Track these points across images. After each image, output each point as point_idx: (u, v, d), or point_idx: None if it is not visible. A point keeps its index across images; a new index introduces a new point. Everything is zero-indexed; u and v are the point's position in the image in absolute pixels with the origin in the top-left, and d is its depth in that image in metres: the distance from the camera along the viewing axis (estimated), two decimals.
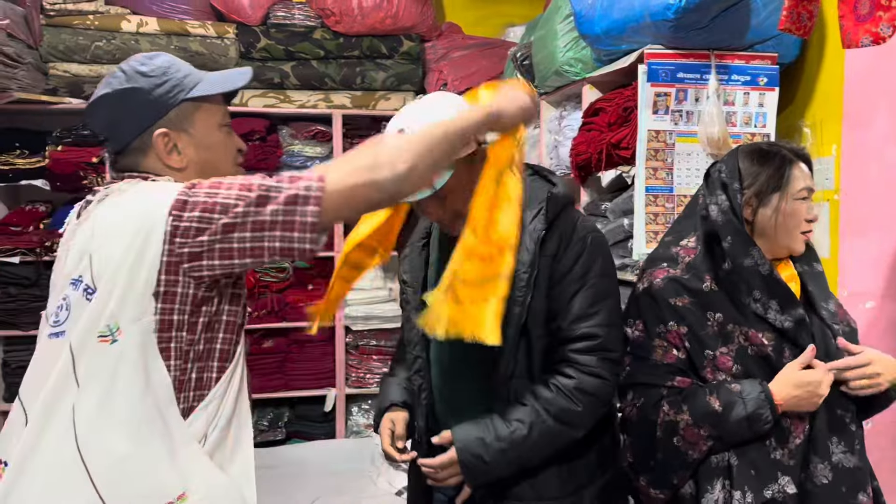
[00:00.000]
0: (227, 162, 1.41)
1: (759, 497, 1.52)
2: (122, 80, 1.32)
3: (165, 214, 1.20)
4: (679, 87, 2.48)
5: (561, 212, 1.58)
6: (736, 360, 1.58)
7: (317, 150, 4.27)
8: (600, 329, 1.53)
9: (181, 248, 1.20)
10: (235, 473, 1.30)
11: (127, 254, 1.20)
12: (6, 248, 3.86)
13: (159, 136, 1.32)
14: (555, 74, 3.24)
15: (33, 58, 3.88)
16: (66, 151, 3.91)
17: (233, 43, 4.11)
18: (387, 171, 1.23)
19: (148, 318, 1.21)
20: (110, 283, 1.21)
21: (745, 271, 1.58)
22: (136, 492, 1.19)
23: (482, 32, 4.62)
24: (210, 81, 1.38)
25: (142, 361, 1.21)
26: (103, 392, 1.20)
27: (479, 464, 1.50)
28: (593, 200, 3.02)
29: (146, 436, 1.20)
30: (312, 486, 3.71)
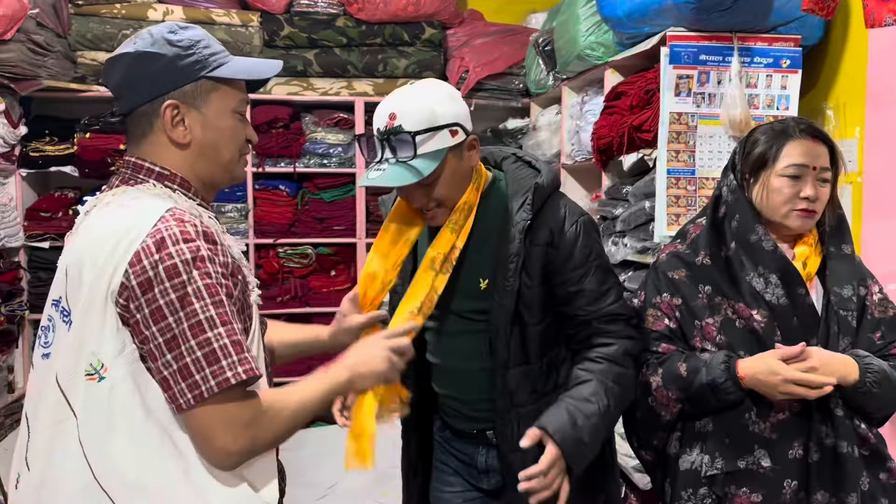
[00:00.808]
0: (231, 149, 1.35)
1: (730, 465, 1.58)
2: (148, 43, 1.27)
3: (132, 252, 1.16)
4: (701, 70, 2.49)
5: (547, 199, 1.61)
6: (720, 330, 1.63)
7: (339, 137, 4.31)
8: (617, 305, 1.62)
9: (125, 288, 1.16)
10: (255, 470, 1.26)
11: (96, 286, 1.17)
12: (37, 234, 3.96)
13: (168, 106, 1.27)
14: (577, 59, 3.25)
15: (62, 46, 3.95)
16: (94, 139, 3.98)
17: (257, 31, 4.16)
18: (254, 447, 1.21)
19: (129, 348, 1.18)
20: (85, 317, 1.18)
21: (750, 247, 1.62)
22: None
23: (504, 19, 4.63)
24: (235, 65, 1.34)
25: (135, 391, 1.18)
26: (105, 426, 1.18)
27: (581, 447, 1.49)
28: (615, 184, 3.03)
29: (157, 461, 1.19)
30: (334, 468, 3.74)
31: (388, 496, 3.35)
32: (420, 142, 1.49)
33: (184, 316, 1.14)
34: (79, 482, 1.18)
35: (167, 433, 1.19)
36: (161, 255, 1.15)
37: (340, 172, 4.33)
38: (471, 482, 1.78)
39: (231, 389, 1.16)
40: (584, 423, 1.50)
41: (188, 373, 1.15)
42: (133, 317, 1.16)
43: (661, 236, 2.52)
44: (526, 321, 1.60)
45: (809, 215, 1.63)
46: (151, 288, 1.14)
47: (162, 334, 1.15)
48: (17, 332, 3.94)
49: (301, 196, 4.32)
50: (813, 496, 1.57)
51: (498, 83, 4.29)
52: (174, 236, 1.16)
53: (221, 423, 1.16)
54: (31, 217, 3.98)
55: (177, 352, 1.15)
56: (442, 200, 1.57)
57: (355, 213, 4.33)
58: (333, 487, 3.58)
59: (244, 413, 1.18)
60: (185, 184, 1.31)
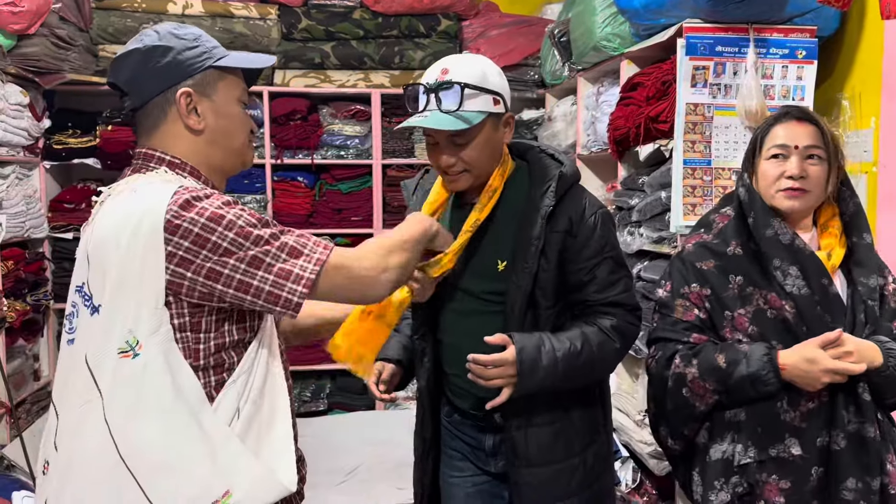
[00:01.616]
0: (241, 135, 1.42)
1: (763, 454, 1.60)
2: (155, 39, 1.33)
3: (161, 227, 1.20)
4: (717, 61, 2.51)
5: (569, 189, 1.67)
6: (752, 321, 1.65)
7: (356, 129, 4.35)
8: (624, 295, 1.68)
9: (174, 257, 1.21)
10: (274, 449, 1.30)
11: (126, 267, 1.20)
12: (60, 225, 4.04)
13: (183, 94, 1.32)
14: (593, 50, 3.27)
15: (84, 40, 4.01)
16: (115, 131, 4.05)
17: (275, 24, 4.21)
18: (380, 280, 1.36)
19: (165, 327, 1.22)
20: (116, 298, 1.21)
21: (768, 242, 1.65)
22: (183, 494, 1.21)
23: (519, 10, 4.65)
24: (235, 56, 1.41)
25: (167, 370, 1.21)
26: (133, 404, 1.21)
27: (533, 366, 1.56)
28: (630, 174, 3.06)
29: (184, 443, 1.22)
30: (353, 454, 3.83)
31: (405, 489, 3.41)
32: (467, 96, 1.57)
33: (251, 242, 1.23)
34: (105, 461, 1.21)
35: (195, 416, 1.23)
36: (196, 212, 1.21)
37: (357, 164, 4.38)
38: (479, 466, 1.82)
39: (332, 255, 1.30)
40: (549, 352, 1.58)
41: (286, 272, 1.25)
42: (203, 268, 1.21)
43: (677, 226, 2.55)
44: (540, 304, 1.65)
45: (796, 195, 1.65)
46: (208, 238, 1.21)
47: (242, 261, 1.23)
48: (42, 321, 4.03)
49: (319, 187, 4.37)
50: (843, 483, 1.57)
51: (513, 74, 4.32)
52: (196, 196, 1.23)
53: (347, 275, 1.31)
54: (54, 208, 4.06)
55: (265, 264, 1.24)
56: (469, 165, 1.63)
57: (372, 203, 4.38)
58: (352, 474, 3.64)
59: (354, 254, 1.35)
60: (194, 171, 1.36)
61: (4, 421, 3.50)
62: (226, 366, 1.28)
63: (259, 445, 1.29)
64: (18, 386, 3.68)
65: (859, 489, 1.57)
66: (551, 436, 1.68)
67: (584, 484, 1.72)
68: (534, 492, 1.69)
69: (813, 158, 1.66)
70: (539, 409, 1.67)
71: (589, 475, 1.72)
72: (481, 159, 1.64)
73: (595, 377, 1.72)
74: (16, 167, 3.72)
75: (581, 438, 1.72)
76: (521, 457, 1.68)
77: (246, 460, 1.25)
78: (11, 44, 3.44)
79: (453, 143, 1.62)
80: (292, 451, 1.33)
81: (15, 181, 3.67)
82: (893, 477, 1.58)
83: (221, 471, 1.23)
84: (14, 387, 3.53)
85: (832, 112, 2.65)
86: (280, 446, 1.31)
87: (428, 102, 1.60)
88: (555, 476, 1.68)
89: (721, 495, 1.63)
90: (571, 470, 1.70)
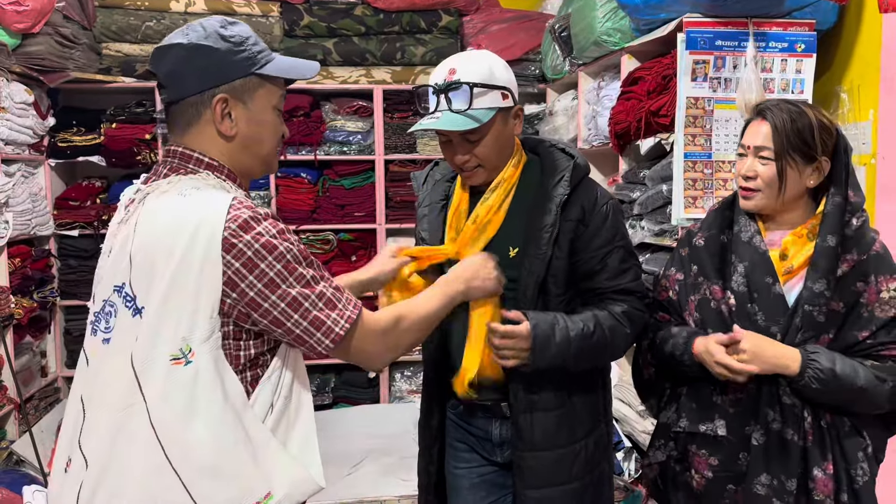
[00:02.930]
0: (271, 143, 1.41)
1: (693, 427, 1.73)
2: (201, 36, 1.30)
3: (220, 241, 1.21)
4: (717, 55, 2.54)
5: (581, 180, 1.72)
6: (698, 308, 1.74)
7: (358, 125, 4.37)
8: (634, 283, 1.74)
9: (224, 274, 1.23)
10: (300, 444, 1.33)
11: (183, 275, 1.21)
12: (66, 222, 4.07)
13: (219, 100, 1.30)
14: (593, 45, 3.29)
15: (87, 38, 4.04)
16: (120, 128, 4.08)
17: (277, 21, 4.23)
18: (398, 349, 1.43)
19: (216, 335, 1.24)
20: (167, 304, 1.21)
21: (735, 237, 1.71)
22: (227, 496, 1.24)
23: (520, 5, 4.68)
24: (280, 64, 1.38)
25: (217, 377, 1.23)
26: (185, 410, 1.22)
27: (546, 342, 1.61)
28: (632, 168, 3.09)
29: (230, 446, 1.24)
30: (359, 447, 3.87)
31: (410, 482, 3.45)
32: (476, 94, 1.61)
33: (294, 280, 1.26)
34: (149, 463, 1.21)
35: (240, 419, 1.25)
36: (253, 235, 1.23)
37: (360, 160, 4.41)
38: (485, 456, 1.86)
39: (358, 318, 1.33)
40: (562, 329, 1.63)
41: (320, 322, 1.29)
42: (247, 295, 1.23)
43: (678, 219, 2.58)
44: (551, 291, 1.69)
45: (746, 194, 1.68)
46: (257, 265, 1.23)
47: (283, 299, 1.25)
48: (49, 317, 4.06)
49: (322, 183, 4.40)
50: (756, 477, 1.63)
51: (514, 69, 4.24)
52: (255, 217, 1.24)
53: (369, 339, 1.36)
54: (59, 206, 4.09)
55: (302, 309, 1.27)
56: (483, 160, 1.68)
57: (375, 199, 4.41)
58: (357, 466, 3.68)
59: (377, 327, 1.38)
60: (231, 175, 1.36)
61: (13, 417, 3.54)
62: (260, 362, 1.31)
63: (287, 438, 1.32)
64: (26, 382, 3.71)
65: (773, 486, 1.61)
66: (555, 421, 1.72)
67: (585, 470, 1.76)
68: (536, 476, 1.73)
69: (762, 158, 1.66)
70: (544, 395, 1.71)
71: (590, 461, 1.77)
72: (494, 154, 1.68)
73: (604, 360, 1.78)
74: (21, 165, 3.75)
75: (583, 425, 1.76)
76: (526, 441, 1.72)
77: (284, 460, 1.29)
78: (16, 43, 3.47)
79: (466, 141, 1.66)
80: (316, 446, 1.35)
81: (20, 179, 3.70)
82: (819, 483, 1.60)
83: (263, 472, 1.26)
84: (22, 383, 3.56)
85: (831, 105, 2.68)
86: (306, 441, 1.34)
87: (438, 103, 1.64)
88: (557, 460, 1.72)
89: (658, 454, 1.82)
90: (573, 455, 1.74)
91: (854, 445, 1.61)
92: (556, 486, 1.73)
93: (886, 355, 1.60)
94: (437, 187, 1.86)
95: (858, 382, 1.55)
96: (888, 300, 1.60)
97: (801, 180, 1.65)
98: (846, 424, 1.62)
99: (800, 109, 1.65)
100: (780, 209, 1.69)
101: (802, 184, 1.65)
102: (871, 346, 1.61)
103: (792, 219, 1.69)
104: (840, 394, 1.57)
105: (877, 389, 1.56)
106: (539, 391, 1.71)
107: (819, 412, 1.61)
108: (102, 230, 4.04)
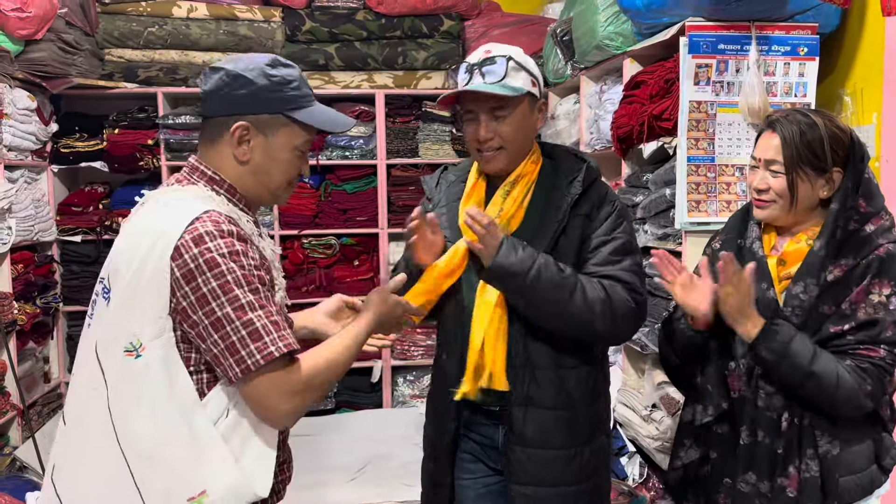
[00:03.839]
0: (281, 178, 1.46)
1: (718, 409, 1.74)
2: (247, 67, 1.40)
3: (170, 252, 1.28)
4: (720, 59, 2.54)
5: (594, 181, 1.79)
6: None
7: (360, 129, 4.37)
8: (627, 274, 1.71)
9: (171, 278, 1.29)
10: (253, 456, 1.36)
11: (138, 275, 1.30)
12: (69, 228, 4.08)
13: (239, 127, 1.39)
14: (595, 49, 3.29)
15: (90, 44, 4.04)
16: (122, 134, 4.09)
17: (279, 26, 4.23)
18: (286, 419, 1.36)
19: (168, 334, 1.31)
20: (126, 300, 1.31)
21: (745, 243, 1.76)
22: (165, 486, 1.31)
23: (521, 9, 4.68)
24: (313, 113, 1.44)
25: (165, 374, 1.31)
26: (133, 399, 1.31)
27: (515, 247, 1.64)
28: (635, 172, 3.08)
29: (172, 439, 1.31)
30: (363, 452, 3.86)
31: (413, 486, 3.44)
32: (510, 69, 1.68)
33: (226, 301, 1.28)
34: (104, 445, 1.32)
35: (186, 417, 1.31)
36: (200, 249, 1.28)
37: (362, 164, 4.41)
38: (490, 465, 1.85)
39: (276, 362, 1.29)
40: (533, 251, 1.65)
41: (235, 350, 1.28)
42: (180, 304, 1.29)
43: (681, 223, 2.58)
44: None
45: (760, 205, 1.70)
46: (195, 278, 1.28)
47: (208, 317, 1.28)
48: (52, 323, 4.06)
49: (324, 187, 4.40)
50: (742, 475, 1.69)
51: None
52: (211, 233, 1.30)
53: (274, 391, 1.31)
54: (62, 212, 4.10)
55: (223, 332, 1.28)
56: (506, 141, 1.72)
57: (377, 203, 4.41)
58: (360, 471, 3.67)
59: (292, 380, 1.33)
60: (231, 190, 1.44)
61: (17, 423, 3.53)
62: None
63: (243, 448, 1.36)
64: (29, 388, 3.71)
65: (754, 485, 1.68)
66: (553, 421, 1.73)
67: (581, 476, 1.77)
68: (525, 473, 1.74)
69: (774, 171, 1.67)
70: (544, 392, 1.72)
71: (585, 468, 1.77)
72: (517, 138, 1.73)
73: (568, 318, 1.68)
74: (24, 171, 3.76)
75: (583, 432, 1.77)
76: (516, 434, 1.73)
77: (228, 465, 1.33)
78: (19, 49, 3.47)
79: (493, 117, 1.70)
80: (273, 459, 1.39)
81: (23, 185, 3.71)
82: (794, 480, 1.63)
83: (202, 470, 1.32)
84: (25, 389, 3.56)
85: (834, 108, 2.68)
86: (262, 453, 1.37)
87: (471, 80, 1.70)
88: (551, 461, 1.73)
89: (691, 452, 1.81)
90: (568, 459, 1.74)
91: (832, 449, 1.64)
92: (549, 486, 1.74)
93: (864, 354, 1.60)
94: (452, 188, 1.89)
95: (810, 366, 1.58)
96: (875, 303, 1.60)
97: (814, 192, 1.66)
98: (826, 429, 1.64)
99: (810, 121, 1.65)
100: (793, 220, 1.71)
101: (815, 195, 1.67)
102: (849, 343, 1.62)
103: (805, 229, 1.71)
104: (793, 375, 1.60)
105: (843, 383, 1.57)
106: (539, 388, 1.72)
107: (796, 416, 1.64)
108: (105, 236, 4.05)
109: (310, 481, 3.46)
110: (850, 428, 1.65)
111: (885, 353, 1.60)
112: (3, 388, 3.41)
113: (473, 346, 1.72)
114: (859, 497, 1.65)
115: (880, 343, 1.60)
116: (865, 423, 1.67)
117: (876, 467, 1.68)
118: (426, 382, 4.53)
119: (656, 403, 2.84)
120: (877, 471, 1.68)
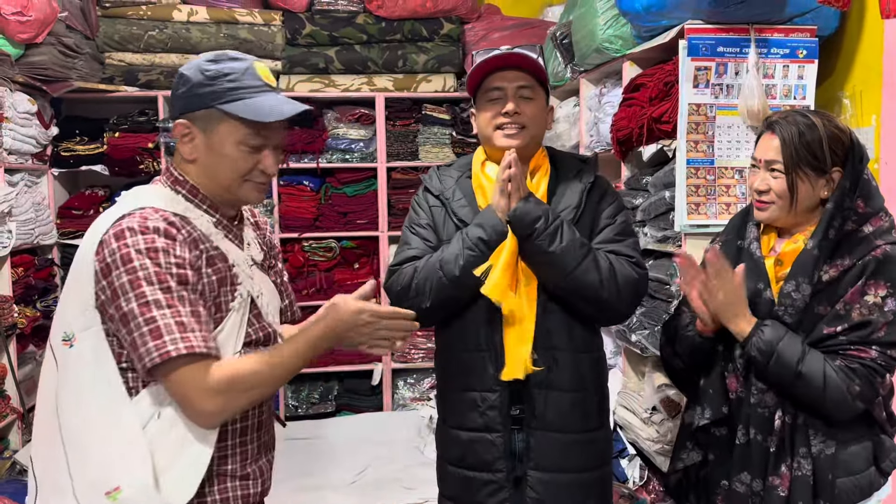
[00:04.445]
0: (229, 175, 1.43)
1: (717, 414, 1.75)
2: (189, 66, 1.44)
3: (95, 246, 1.33)
4: (719, 61, 2.54)
5: (596, 177, 1.91)
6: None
7: (360, 132, 4.38)
8: (627, 248, 1.82)
9: (93, 271, 1.34)
10: (182, 464, 1.35)
11: (76, 270, 1.37)
12: (69, 231, 4.07)
13: (180, 124, 1.43)
14: (595, 52, 3.30)
15: (90, 48, 4.05)
16: (123, 137, 4.09)
17: (279, 30, 4.24)
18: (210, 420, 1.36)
19: (97, 328, 1.34)
20: (68, 291, 1.38)
21: (745, 243, 1.76)
22: (90, 478, 1.34)
23: (521, 13, 4.68)
24: (249, 105, 1.39)
25: (93, 364, 1.35)
26: (69, 386, 1.36)
27: (539, 203, 1.75)
28: (634, 175, 3.08)
29: (97, 429, 1.34)
30: (363, 455, 3.86)
31: (414, 490, 3.44)
32: (539, 59, 1.79)
33: (134, 296, 1.30)
34: (51, 429, 1.38)
35: (112, 410, 1.34)
36: (118, 245, 1.31)
37: (362, 167, 4.41)
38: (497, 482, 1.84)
39: (186, 359, 1.29)
40: (560, 217, 1.74)
41: (136, 346, 1.30)
42: (100, 298, 1.33)
43: (681, 225, 2.58)
44: None
45: (761, 206, 1.71)
46: (110, 273, 1.31)
47: (118, 311, 1.31)
48: None
49: (324, 191, 4.41)
50: (737, 475, 1.70)
51: None
52: (132, 229, 1.32)
53: (192, 388, 1.31)
54: (63, 215, 4.10)
55: (128, 327, 1.30)
56: (528, 121, 1.79)
57: (377, 206, 4.41)
58: (361, 474, 3.67)
59: (211, 381, 1.31)
60: (193, 190, 1.45)
61: (17, 426, 3.53)
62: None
63: (173, 454, 1.35)
64: (30, 392, 3.70)
65: (748, 485, 1.69)
66: (569, 404, 1.77)
67: (596, 463, 1.82)
68: (546, 458, 1.76)
69: (774, 172, 1.67)
70: (561, 375, 1.77)
71: (598, 456, 1.83)
72: (538, 123, 1.82)
73: (582, 276, 1.72)
74: (24, 175, 3.76)
75: (594, 417, 1.83)
76: (538, 417, 1.76)
77: (145, 466, 1.33)
78: (19, 53, 3.48)
79: (521, 96, 1.78)
80: (201, 474, 1.37)
81: (24, 188, 3.71)
82: (784, 479, 1.63)
83: (120, 466, 1.33)
84: (25, 392, 3.56)
85: (833, 111, 2.68)
86: (190, 463, 1.36)
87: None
88: (569, 445, 1.77)
89: (693, 454, 1.81)
90: (585, 443, 1.79)
91: (826, 449, 1.65)
92: (568, 472, 1.77)
93: (854, 355, 1.60)
94: (461, 182, 1.92)
95: (798, 366, 1.58)
96: (871, 304, 1.60)
97: (814, 193, 1.66)
98: (820, 428, 1.65)
99: (810, 122, 1.65)
100: (793, 221, 1.71)
101: (815, 196, 1.67)
102: (841, 343, 1.61)
103: (804, 230, 1.70)
104: (782, 375, 1.61)
105: (830, 384, 1.57)
106: (558, 370, 1.77)
107: (790, 414, 1.65)
108: None
109: (310, 484, 3.47)
110: (845, 428, 1.65)
111: (877, 353, 1.59)
112: (4, 392, 3.41)
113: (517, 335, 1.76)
114: (858, 499, 1.65)
115: (872, 344, 1.59)
116: (861, 423, 1.66)
117: (874, 469, 1.67)
118: (427, 385, 4.53)
119: (656, 406, 2.84)
120: (875, 473, 1.68)
